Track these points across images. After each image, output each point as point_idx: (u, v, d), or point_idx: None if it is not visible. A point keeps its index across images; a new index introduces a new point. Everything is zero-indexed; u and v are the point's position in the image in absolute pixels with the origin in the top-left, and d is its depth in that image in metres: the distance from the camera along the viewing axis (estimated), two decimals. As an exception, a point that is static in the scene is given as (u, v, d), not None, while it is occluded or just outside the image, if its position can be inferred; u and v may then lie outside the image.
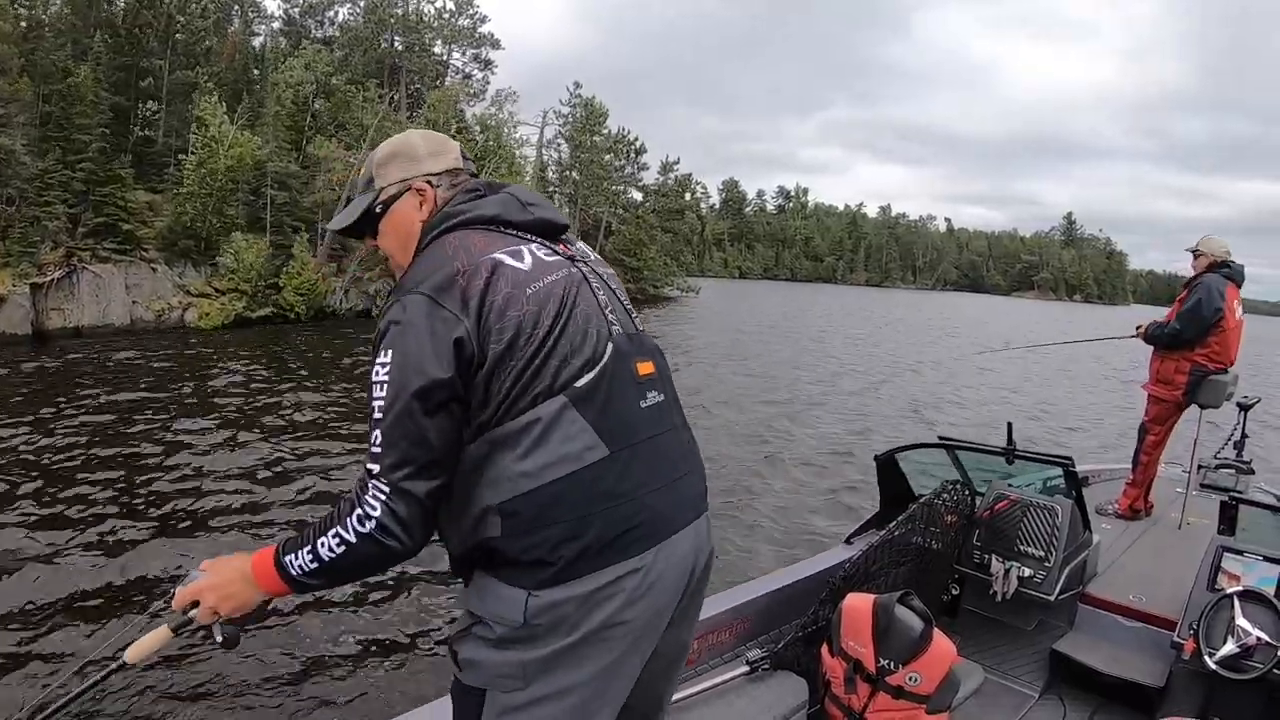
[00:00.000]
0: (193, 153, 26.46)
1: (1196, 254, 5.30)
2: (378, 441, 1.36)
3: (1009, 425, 4.03)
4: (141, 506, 8.25)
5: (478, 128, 38.63)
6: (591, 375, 1.44)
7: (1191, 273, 5.29)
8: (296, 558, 1.41)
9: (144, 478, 9.11)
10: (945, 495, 3.82)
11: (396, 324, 1.39)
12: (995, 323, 56.67)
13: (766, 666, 2.91)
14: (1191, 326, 5.04)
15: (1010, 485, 4.05)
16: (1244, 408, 5.84)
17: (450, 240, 1.50)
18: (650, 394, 1.54)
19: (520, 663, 1.39)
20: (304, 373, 16.96)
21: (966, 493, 4.01)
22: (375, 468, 1.36)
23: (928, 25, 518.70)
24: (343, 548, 1.37)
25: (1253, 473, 5.77)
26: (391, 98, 37.59)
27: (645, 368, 1.55)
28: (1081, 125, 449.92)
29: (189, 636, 1.59)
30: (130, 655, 1.56)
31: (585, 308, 1.50)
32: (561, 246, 1.61)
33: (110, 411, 12.24)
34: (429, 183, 1.64)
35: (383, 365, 1.37)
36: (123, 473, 9.24)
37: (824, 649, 2.98)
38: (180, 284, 25.18)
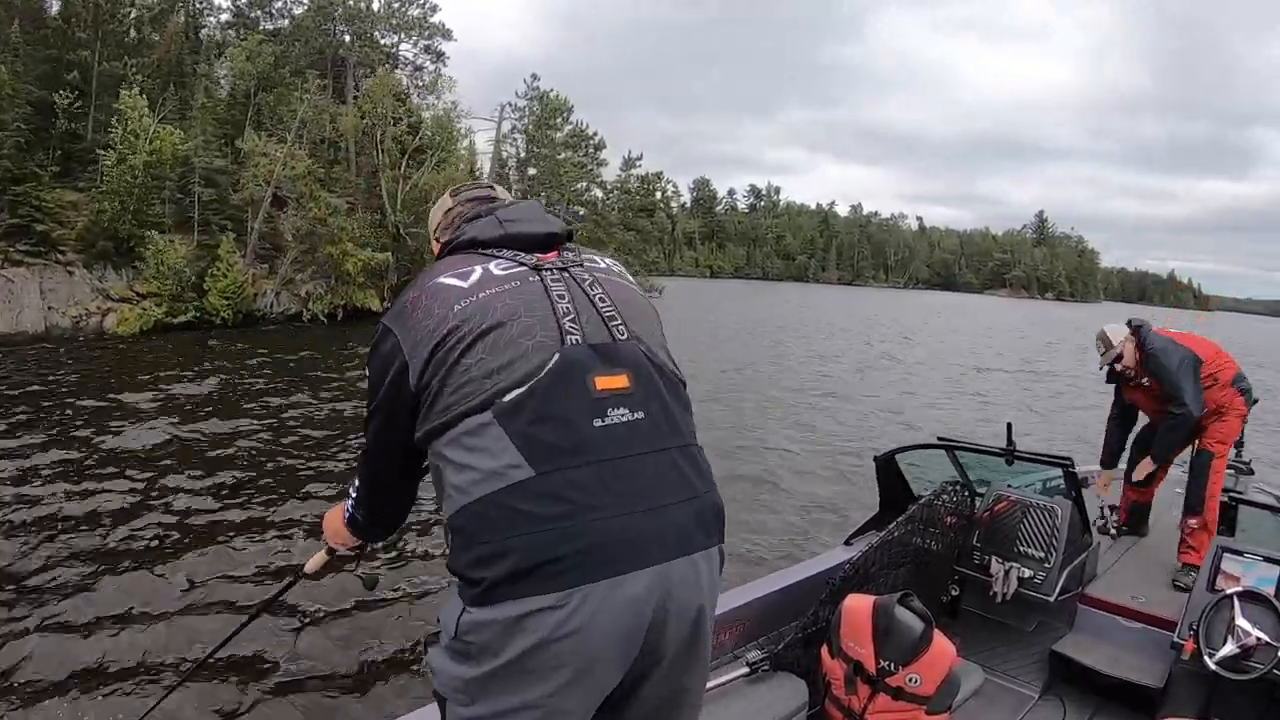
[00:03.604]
0: (110, 148, 24.86)
1: (1109, 350, 4.69)
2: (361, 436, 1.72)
3: (1008, 426, 4.02)
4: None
5: (426, 116, 37.23)
6: (521, 390, 1.39)
7: (1125, 366, 4.70)
8: (349, 510, 1.86)
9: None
10: (945, 496, 3.86)
11: (371, 347, 1.57)
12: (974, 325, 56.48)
13: (766, 668, 2.91)
14: (1197, 397, 4.48)
15: (1010, 486, 4.07)
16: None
17: (427, 270, 1.62)
18: (615, 411, 1.42)
19: (464, 679, 1.37)
20: (209, 385, 15.59)
21: (966, 494, 4.04)
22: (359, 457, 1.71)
23: (879, 28, 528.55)
24: (349, 513, 1.85)
25: (1252, 473, 5.71)
26: (338, 88, 36.34)
27: (610, 382, 1.44)
28: (1041, 126, 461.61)
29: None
30: (308, 568, 2.31)
31: (531, 319, 1.46)
32: (549, 255, 1.62)
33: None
34: (462, 215, 1.79)
35: (366, 378, 1.59)
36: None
37: (824, 650, 2.99)
38: (100, 288, 23.72)
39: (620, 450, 1.40)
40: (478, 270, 1.54)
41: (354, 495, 1.81)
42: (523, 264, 1.56)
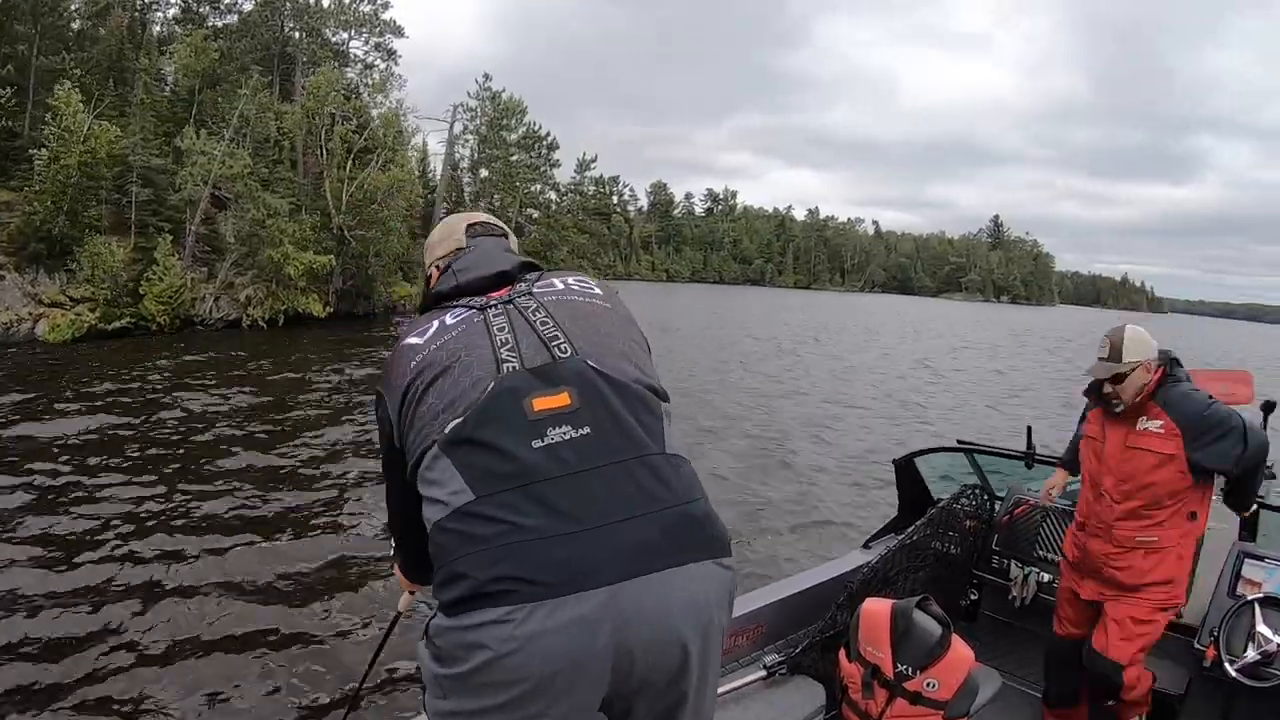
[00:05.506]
0: (43, 146, 24.07)
1: (1125, 366, 3.15)
2: None
3: (1028, 429, 3.99)
4: None
5: (374, 114, 36.65)
6: (458, 421, 1.47)
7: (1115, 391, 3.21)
8: (396, 559, 2.08)
9: None
10: (964, 500, 3.87)
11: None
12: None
13: (784, 671, 2.94)
14: (1258, 448, 3.17)
15: (1029, 490, 4.03)
16: (1266, 410, 5.32)
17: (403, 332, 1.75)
18: (554, 430, 1.44)
19: (435, 675, 1.41)
20: (145, 395, 15.18)
21: (985, 497, 4.03)
22: None
23: (825, 35, 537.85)
24: (397, 561, 2.07)
25: (1274, 477, 5.58)
26: (286, 87, 35.75)
27: (549, 401, 1.47)
28: (987, 132, 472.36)
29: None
30: (400, 607, 2.39)
31: (470, 357, 1.55)
32: (499, 292, 1.72)
33: None
34: (438, 266, 1.95)
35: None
36: None
37: (841, 654, 2.98)
38: (32, 292, 22.93)
39: (562, 469, 1.40)
40: (434, 325, 1.66)
41: (393, 545, 1.98)
42: (472, 307, 1.67)
